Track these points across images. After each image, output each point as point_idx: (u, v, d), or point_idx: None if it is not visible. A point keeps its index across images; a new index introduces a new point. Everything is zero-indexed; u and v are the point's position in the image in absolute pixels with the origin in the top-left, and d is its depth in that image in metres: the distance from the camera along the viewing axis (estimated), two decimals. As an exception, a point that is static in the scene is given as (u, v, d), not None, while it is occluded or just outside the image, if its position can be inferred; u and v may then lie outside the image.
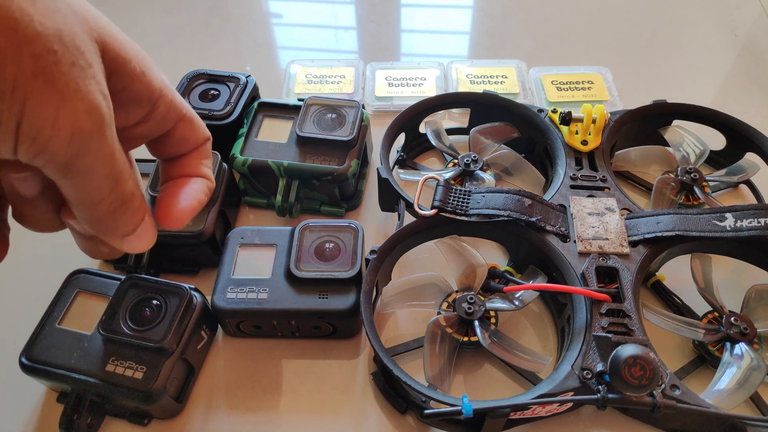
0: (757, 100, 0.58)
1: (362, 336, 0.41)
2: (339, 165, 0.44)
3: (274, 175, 0.44)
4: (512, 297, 0.39)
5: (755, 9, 0.71)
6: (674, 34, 0.67)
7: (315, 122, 0.46)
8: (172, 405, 0.36)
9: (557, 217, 0.40)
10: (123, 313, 0.35)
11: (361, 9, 0.74)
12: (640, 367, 0.30)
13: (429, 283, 0.40)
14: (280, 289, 0.38)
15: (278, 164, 0.44)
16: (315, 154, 0.45)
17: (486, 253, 0.42)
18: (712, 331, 0.37)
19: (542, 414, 0.34)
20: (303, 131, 0.45)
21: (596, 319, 0.35)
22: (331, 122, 0.46)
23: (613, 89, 0.58)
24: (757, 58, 0.64)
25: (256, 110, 0.48)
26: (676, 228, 0.38)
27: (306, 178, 0.45)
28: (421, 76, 0.60)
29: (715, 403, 0.33)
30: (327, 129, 0.46)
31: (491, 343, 0.36)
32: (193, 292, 0.37)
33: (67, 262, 0.42)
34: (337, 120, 0.46)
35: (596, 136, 0.45)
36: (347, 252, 0.40)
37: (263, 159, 0.44)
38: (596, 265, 0.37)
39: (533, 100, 0.58)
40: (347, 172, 0.44)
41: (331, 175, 0.44)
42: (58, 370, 0.34)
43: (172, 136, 0.26)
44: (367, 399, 0.38)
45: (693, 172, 0.45)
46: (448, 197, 0.40)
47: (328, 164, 0.44)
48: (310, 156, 0.45)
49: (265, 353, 0.40)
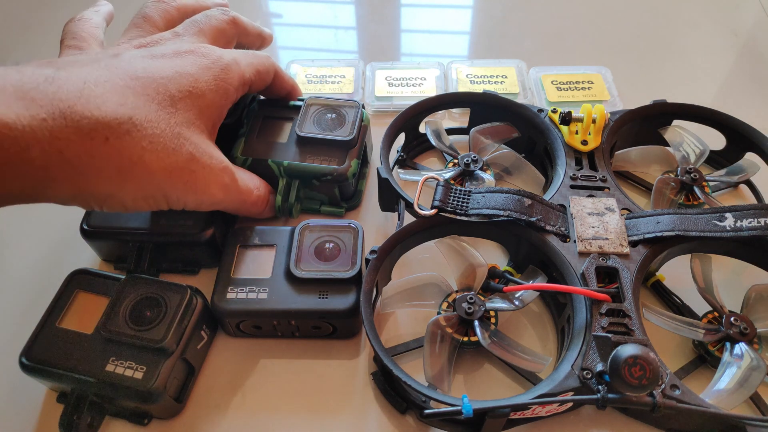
0: (757, 100, 0.58)
1: (362, 336, 0.41)
2: (339, 165, 0.44)
3: (274, 175, 0.44)
4: (512, 297, 0.39)
5: (755, 9, 0.71)
6: (674, 34, 0.67)
7: (315, 122, 0.46)
8: (172, 405, 0.36)
9: (557, 217, 0.40)
10: (123, 313, 0.35)
11: (361, 9, 0.74)
12: (640, 367, 0.30)
13: (429, 283, 0.40)
14: (280, 289, 0.38)
15: (278, 164, 0.44)
16: (315, 154, 0.45)
17: (486, 253, 0.42)
18: (712, 331, 0.37)
19: (542, 414, 0.34)
20: (303, 131, 0.45)
21: (596, 319, 0.35)
22: (331, 122, 0.46)
23: (613, 89, 0.58)
24: (757, 58, 0.64)
25: (257, 110, 0.48)
26: (676, 228, 0.38)
27: (306, 178, 0.44)
28: (421, 76, 0.60)
29: (715, 403, 0.33)
30: (327, 129, 0.45)
31: (491, 343, 0.36)
32: (193, 292, 0.37)
33: (67, 262, 0.42)
34: (337, 120, 0.46)
35: (596, 136, 0.45)
36: (347, 252, 0.40)
37: (263, 158, 0.44)
38: (596, 265, 0.37)
39: (533, 100, 0.58)
40: (347, 172, 0.44)
41: (331, 175, 0.44)
42: (58, 370, 0.34)
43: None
44: (367, 399, 0.38)
45: (693, 172, 0.45)
46: (448, 197, 0.40)
47: (328, 164, 0.44)
48: (311, 156, 0.45)
49: (265, 353, 0.40)
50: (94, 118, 0.29)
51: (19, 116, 0.27)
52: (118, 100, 0.31)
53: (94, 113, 0.29)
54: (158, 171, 0.32)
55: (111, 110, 0.30)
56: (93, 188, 0.30)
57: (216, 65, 0.37)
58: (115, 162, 0.30)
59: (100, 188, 0.31)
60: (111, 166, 0.30)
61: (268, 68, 0.43)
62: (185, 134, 0.33)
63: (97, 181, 0.30)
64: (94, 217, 0.42)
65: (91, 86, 0.30)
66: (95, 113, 0.29)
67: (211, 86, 0.36)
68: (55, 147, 0.28)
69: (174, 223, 0.41)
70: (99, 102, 0.30)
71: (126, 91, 0.31)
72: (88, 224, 0.42)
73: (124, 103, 0.31)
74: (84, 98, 0.29)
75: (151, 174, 0.32)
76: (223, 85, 0.37)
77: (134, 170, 0.31)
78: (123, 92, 0.31)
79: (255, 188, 0.41)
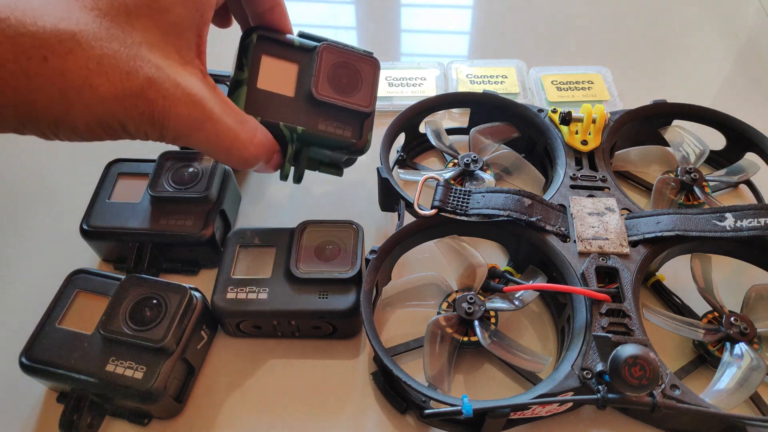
0: (757, 100, 0.58)
1: (362, 336, 0.41)
2: (354, 136, 0.38)
3: (282, 138, 0.37)
4: (512, 297, 0.39)
5: (755, 9, 0.71)
6: (674, 34, 0.67)
7: (330, 80, 0.38)
8: (172, 405, 0.36)
9: (557, 217, 0.40)
10: (123, 313, 0.35)
11: (361, 9, 0.74)
12: (640, 367, 0.30)
13: (429, 283, 0.40)
14: (280, 289, 0.38)
15: (291, 130, 0.37)
16: (329, 119, 0.38)
17: (486, 253, 0.42)
18: (712, 331, 0.37)
19: (542, 414, 0.34)
20: (320, 94, 0.37)
21: (596, 319, 0.35)
22: (348, 81, 0.39)
23: (613, 89, 0.58)
24: (757, 59, 0.64)
25: (256, 46, 0.37)
26: (676, 228, 0.38)
27: (320, 146, 0.39)
28: (421, 76, 0.60)
29: (715, 403, 0.33)
30: (344, 92, 0.38)
31: (491, 343, 0.36)
32: (193, 292, 0.37)
33: (67, 262, 0.42)
34: (354, 79, 0.39)
35: (596, 136, 0.45)
36: (347, 252, 0.40)
37: (273, 122, 0.36)
38: (596, 265, 0.37)
39: (533, 100, 0.58)
40: (364, 146, 0.39)
41: (347, 149, 0.39)
42: (58, 370, 0.34)
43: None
44: (367, 399, 0.38)
45: (693, 172, 0.45)
46: (448, 197, 0.40)
47: (341, 132, 0.38)
48: (323, 120, 0.38)
49: (265, 353, 0.40)
50: (30, 34, 0.25)
51: None
52: (59, 15, 0.27)
53: (29, 28, 0.25)
54: (108, 97, 0.28)
55: (51, 25, 0.26)
56: (38, 113, 0.27)
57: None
58: (57, 84, 0.26)
59: (46, 114, 0.27)
60: (53, 89, 0.26)
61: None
62: (144, 56, 0.29)
63: (41, 105, 0.27)
64: (94, 217, 0.42)
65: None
66: (30, 28, 0.25)
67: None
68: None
69: (174, 223, 0.42)
70: (36, 15, 0.26)
71: (71, 4, 0.27)
72: (88, 224, 0.42)
73: (67, 17, 0.27)
74: (19, 11, 0.25)
75: (101, 99, 0.28)
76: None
77: (81, 94, 0.27)
78: (67, 5, 0.27)
79: (251, 142, 0.34)
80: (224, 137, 0.33)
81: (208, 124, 0.31)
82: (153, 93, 0.29)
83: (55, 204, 0.50)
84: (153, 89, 0.29)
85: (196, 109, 0.31)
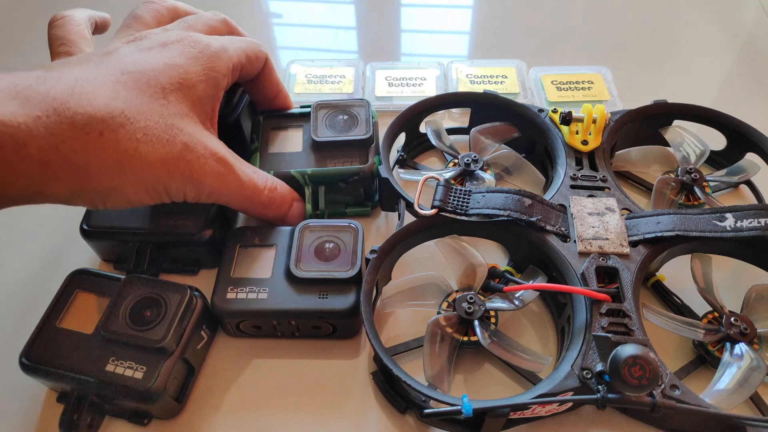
0: (757, 100, 0.58)
1: (362, 336, 0.41)
2: (362, 164, 0.44)
3: (299, 185, 0.44)
4: (512, 297, 0.39)
5: (755, 9, 0.71)
6: (674, 34, 0.67)
7: (328, 125, 0.45)
8: (172, 405, 0.36)
9: (557, 217, 0.40)
10: (123, 313, 0.35)
11: (361, 9, 0.74)
12: (639, 367, 0.30)
13: (429, 282, 0.40)
14: (280, 289, 0.38)
15: (302, 173, 0.44)
16: (334, 157, 0.44)
17: (486, 253, 0.42)
18: (712, 331, 0.37)
19: (542, 414, 0.34)
20: (319, 136, 0.44)
21: (596, 319, 0.35)
22: (344, 123, 0.46)
23: (613, 89, 0.58)
24: (757, 59, 0.64)
25: (263, 124, 0.47)
26: (676, 228, 0.38)
27: (332, 182, 0.44)
28: (421, 76, 0.60)
29: (715, 403, 0.33)
30: (342, 130, 0.45)
31: (491, 343, 0.36)
32: (193, 292, 0.37)
33: (67, 262, 0.42)
34: (350, 120, 0.46)
35: (596, 136, 0.45)
36: (347, 252, 0.40)
37: (284, 171, 0.44)
38: (596, 265, 0.37)
39: (533, 100, 0.58)
40: (372, 170, 0.44)
41: (357, 175, 0.44)
42: (58, 370, 0.34)
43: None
44: (367, 399, 0.38)
45: (693, 172, 0.45)
46: (448, 197, 0.40)
47: (350, 165, 0.44)
48: (330, 160, 0.44)
49: (265, 353, 0.40)
50: (87, 114, 0.30)
51: (15, 114, 0.27)
52: (109, 95, 0.31)
53: (86, 109, 0.30)
54: (155, 162, 0.32)
55: (103, 105, 0.31)
56: (94, 183, 0.31)
57: (204, 54, 0.37)
58: (113, 155, 0.31)
59: (102, 183, 0.31)
60: (109, 160, 0.31)
61: (258, 53, 0.42)
62: (179, 125, 0.34)
63: (97, 175, 0.31)
64: (94, 217, 0.42)
65: (83, 83, 0.31)
66: (88, 109, 0.30)
67: (201, 77, 0.36)
68: (52, 143, 0.28)
69: (174, 223, 0.42)
70: (91, 98, 0.30)
71: (117, 86, 0.32)
72: (88, 224, 0.42)
73: (115, 97, 0.32)
74: (76, 95, 0.30)
75: (149, 165, 0.32)
76: (213, 74, 0.37)
77: (132, 162, 0.32)
78: (114, 87, 0.32)
79: (265, 187, 0.40)
80: (245, 186, 0.38)
81: (232, 176, 0.37)
82: (189, 155, 0.34)
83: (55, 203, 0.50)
84: (189, 151, 0.34)
85: (223, 165, 0.37)
